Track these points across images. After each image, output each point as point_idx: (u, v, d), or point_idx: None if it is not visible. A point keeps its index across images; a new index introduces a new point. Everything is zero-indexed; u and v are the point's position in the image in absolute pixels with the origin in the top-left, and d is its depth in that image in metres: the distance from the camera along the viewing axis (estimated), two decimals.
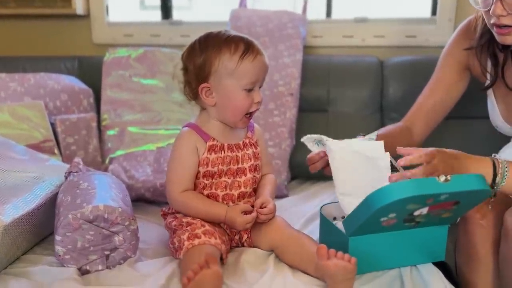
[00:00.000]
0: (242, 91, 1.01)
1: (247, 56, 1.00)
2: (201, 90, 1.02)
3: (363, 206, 0.87)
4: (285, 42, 1.65)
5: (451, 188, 0.83)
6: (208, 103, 1.04)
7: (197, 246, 0.96)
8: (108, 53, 1.64)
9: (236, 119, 1.04)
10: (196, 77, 1.02)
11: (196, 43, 1.04)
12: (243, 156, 1.08)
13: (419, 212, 0.89)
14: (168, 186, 1.06)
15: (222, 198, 1.07)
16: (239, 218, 1.00)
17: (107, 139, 1.52)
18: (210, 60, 1.00)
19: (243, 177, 1.08)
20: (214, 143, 1.05)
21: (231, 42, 1.00)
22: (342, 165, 1.03)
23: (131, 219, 0.99)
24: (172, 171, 1.06)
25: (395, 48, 1.77)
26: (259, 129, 1.16)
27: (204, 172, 1.05)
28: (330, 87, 1.65)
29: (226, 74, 1.00)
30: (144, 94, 1.56)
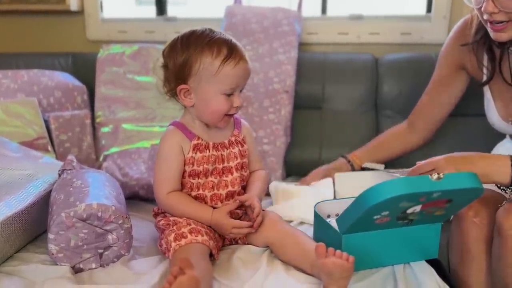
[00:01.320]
0: (221, 95, 1.00)
1: (229, 61, 0.98)
2: (180, 91, 1.01)
3: (356, 204, 0.87)
4: (280, 39, 1.65)
5: (443, 186, 0.83)
6: (186, 104, 1.03)
7: (184, 246, 0.95)
8: (102, 50, 1.63)
9: (214, 121, 1.04)
10: (175, 77, 1.01)
11: (178, 40, 1.01)
12: (228, 155, 1.07)
13: (412, 210, 0.89)
14: (155, 188, 1.05)
15: (210, 199, 1.06)
16: (225, 220, 0.99)
17: (101, 136, 1.52)
18: (191, 61, 0.98)
19: (230, 176, 1.07)
20: (199, 142, 1.04)
21: (214, 45, 0.98)
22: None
23: (124, 217, 0.98)
24: (158, 172, 1.05)
25: (390, 45, 1.77)
26: (247, 125, 1.15)
27: (190, 171, 1.04)
28: (325, 84, 1.65)
29: (206, 77, 0.98)
30: (138, 91, 1.56)
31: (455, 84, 1.29)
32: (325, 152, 1.62)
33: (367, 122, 1.64)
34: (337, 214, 1.12)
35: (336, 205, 1.12)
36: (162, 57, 1.04)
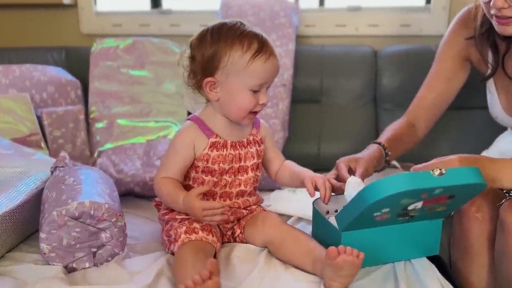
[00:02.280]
0: (248, 91, 0.97)
1: (260, 56, 0.94)
2: (206, 84, 0.98)
3: (356, 201, 0.85)
4: (277, 31, 1.62)
5: (445, 182, 0.80)
6: (211, 98, 1.00)
7: (193, 241, 0.94)
8: (95, 44, 1.59)
9: (238, 117, 1.00)
10: (203, 69, 0.97)
11: (208, 32, 0.98)
12: (246, 154, 1.04)
13: (413, 206, 0.87)
14: (157, 170, 1.04)
15: (219, 196, 1.04)
16: (196, 203, 0.91)
17: (96, 132, 1.49)
18: (220, 54, 0.95)
19: (245, 176, 1.05)
20: (217, 140, 1.01)
21: (245, 39, 0.95)
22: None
23: (118, 215, 0.96)
24: (165, 158, 1.04)
25: (389, 37, 1.74)
26: (266, 125, 1.12)
27: (204, 168, 1.02)
28: (323, 77, 1.63)
29: (235, 71, 0.95)
30: (133, 85, 1.53)
31: (458, 77, 1.26)
32: (324, 147, 1.60)
33: (366, 115, 1.62)
34: (336, 211, 1.10)
35: (335, 201, 1.10)
36: (189, 48, 1.01)
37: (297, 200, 1.29)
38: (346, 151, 1.57)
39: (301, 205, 1.24)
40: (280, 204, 1.26)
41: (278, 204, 1.25)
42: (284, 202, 1.28)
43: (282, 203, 1.26)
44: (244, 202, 1.07)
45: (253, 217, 1.06)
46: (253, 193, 1.09)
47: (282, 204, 1.26)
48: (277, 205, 1.24)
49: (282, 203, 1.26)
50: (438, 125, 1.37)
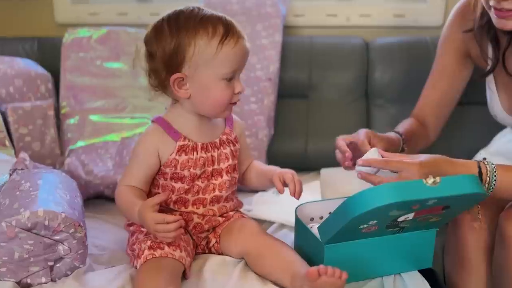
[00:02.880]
0: (221, 81, 0.88)
1: (228, 40, 0.86)
2: (173, 82, 0.88)
3: (340, 213, 0.76)
4: (263, 21, 1.52)
5: (439, 192, 0.72)
6: (181, 96, 0.90)
7: (158, 258, 0.84)
8: (67, 34, 1.49)
9: (217, 112, 0.92)
10: (166, 66, 0.88)
11: (164, 24, 0.88)
12: (219, 156, 0.96)
13: (403, 218, 0.78)
14: (120, 178, 0.96)
15: (192, 203, 0.95)
16: (148, 213, 0.81)
17: (67, 129, 1.39)
18: (184, 45, 0.86)
19: (219, 179, 0.96)
20: (186, 143, 0.92)
21: (208, 24, 0.86)
22: None
23: (77, 225, 0.86)
24: (129, 165, 0.96)
25: (382, 28, 1.65)
26: (240, 122, 1.04)
27: (172, 174, 0.93)
28: (312, 71, 1.53)
29: (203, 62, 0.86)
30: (107, 78, 1.43)
31: (461, 73, 1.17)
32: (312, 145, 1.51)
33: (357, 111, 1.53)
34: (321, 217, 1.01)
35: (320, 206, 1.02)
36: (144, 45, 0.91)
37: (281, 204, 1.20)
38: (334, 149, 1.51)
39: (285, 209, 1.15)
40: (262, 208, 1.16)
41: (260, 209, 1.16)
42: (267, 206, 1.18)
43: (264, 208, 1.17)
44: (220, 209, 0.98)
45: (230, 225, 0.98)
46: (231, 198, 1.00)
47: (264, 208, 1.16)
48: (259, 210, 1.15)
49: (264, 208, 1.17)
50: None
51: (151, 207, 0.82)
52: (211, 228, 0.98)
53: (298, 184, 0.94)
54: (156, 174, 0.95)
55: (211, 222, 0.97)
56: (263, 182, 1.03)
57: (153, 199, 0.84)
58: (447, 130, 1.38)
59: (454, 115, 1.37)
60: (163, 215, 0.81)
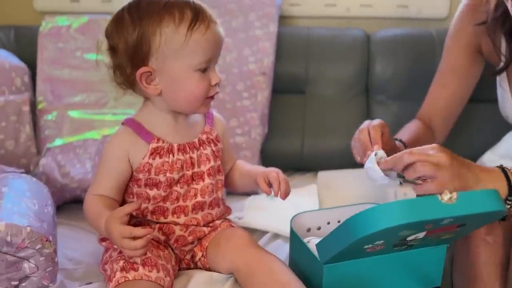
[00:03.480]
0: (195, 72, 0.79)
1: (198, 26, 0.77)
2: (140, 77, 0.79)
3: (343, 231, 0.66)
4: (257, 10, 1.41)
5: (456, 211, 0.62)
6: (151, 93, 0.81)
7: (131, 282, 0.75)
8: (44, 22, 1.38)
9: (193, 107, 0.82)
10: (131, 60, 0.79)
11: (124, 13, 0.79)
12: (199, 157, 0.86)
13: (413, 237, 0.69)
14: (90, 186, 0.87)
15: (172, 212, 0.86)
16: (115, 226, 0.71)
17: (44, 126, 1.28)
18: (148, 35, 0.76)
19: (201, 183, 0.87)
20: (160, 144, 0.83)
21: (174, 9, 0.77)
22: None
23: (44, 240, 0.77)
24: (97, 172, 0.87)
25: (384, 19, 1.55)
26: (221, 119, 0.95)
27: (146, 180, 0.84)
28: (309, 64, 1.43)
29: (172, 52, 0.77)
30: (88, 71, 1.32)
31: (472, 71, 1.09)
32: (308, 143, 1.42)
33: (356, 108, 1.44)
34: (319, 228, 0.93)
35: (318, 216, 0.93)
36: (105, 38, 0.81)
37: (275, 209, 1.11)
38: (333, 149, 1.42)
39: (280, 216, 1.06)
40: (254, 215, 1.07)
41: (252, 216, 1.07)
42: (259, 212, 1.09)
43: (257, 214, 1.08)
44: (205, 217, 0.89)
45: (217, 236, 0.88)
46: (216, 203, 0.90)
47: (256, 215, 1.07)
48: (250, 217, 1.06)
49: (257, 214, 1.08)
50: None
51: (119, 218, 0.72)
52: (196, 240, 0.89)
53: (284, 183, 0.86)
54: (129, 180, 0.85)
55: (195, 233, 0.87)
56: (247, 184, 0.96)
57: (122, 209, 0.74)
58: (455, 128, 1.30)
59: (464, 113, 1.29)
60: (130, 228, 0.71)
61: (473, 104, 1.33)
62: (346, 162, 1.29)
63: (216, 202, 0.90)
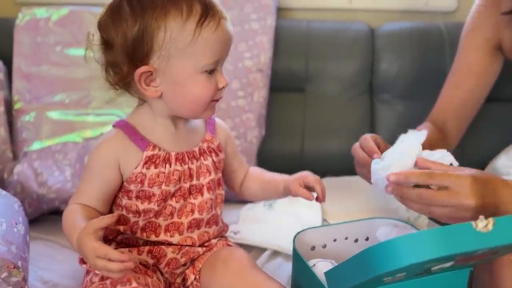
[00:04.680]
0: (201, 74, 0.70)
1: (207, 22, 0.68)
2: (139, 77, 0.69)
3: (361, 263, 0.57)
4: (253, 1, 1.31)
5: (493, 241, 0.53)
6: (150, 95, 0.71)
7: None
8: (21, 14, 1.26)
9: (197, 112, 0.73)
10: (129, 58, 0.69)
11: (123, 2, 0.69)
12: (198, 169, 0.77)
13: (439, 267, 0.59)
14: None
15: (164, 230, 0.76)
16: (88, 242, 0.62)
17: (22, 128, 1.17)
18: (151, 30, 0.67)
19: (199, 198, 0.78)
20: (155, 152, 0.74)
21: (181, 1, 0.68)
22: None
23: (11, 268, 0.67)
24: (80, 180, 0.77)
25: (389, 12, 1.47)
26: (223, 126, 0.86)
27: (138, 192, 0.74)
28: (309, 60, 1.34)
29: (177, 50, 0.68)
30: (69, 67, 1.21)
31: (490, 69, 1.02)
32: (308, 145, 1.33)
33: (360, 108, 1.35)
34: (324, 246, 0.84)
35: (323, 232, 0.84)
36: (98, 30, 0.72)
37: (274, 222, 1.02)
38: (335, 151, 1.34)
39: (279, 230, 0.97)
40: (251, 229, 0.98)
41: (249, 230, 0.97)
42: (257, 225, 1.00)
43: (254, 228, 0.98)
44: (201, 236, 0.79)
45: (212, 257, 0.79)
46: (214, 221, 0.81)
47: (253, 229, 0.98)
48: (247, 232, 0.97)
49: (254, 228, 0.98)
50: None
51: (93, 233, 0.62)
52: (188, 261, 0.79)
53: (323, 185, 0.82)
54: (118, 191, 0.76)
55: (188, 255, 0.78)
56: (269, 194, 0.88)
57: (96, 222, 0.63)
58: (475, 128, 1.23)
59: (484, 112, 1.21)
60: (105, 249, 0.61)
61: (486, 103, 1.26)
62: (348, 165, 1.19)
63: (214, 219, 0.81)
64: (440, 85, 1.12)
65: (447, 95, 1.04)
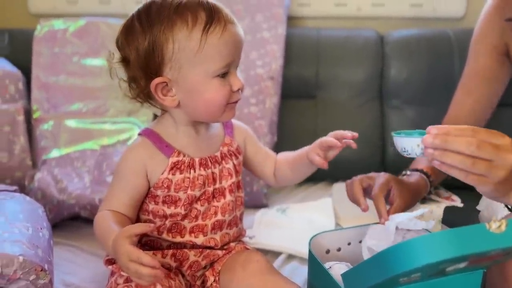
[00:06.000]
0: (214, 78, 0.72)
1: (213, 28, 0.70)
2: (155, 88, 0.72)
3: (377, 264, 0.59)
4: (264, 11, 1.34)
5: (507, 241, 0.55)
6: (168, 104, 0.74)
7: None
8: (39, 26, 1.30)
9: (216, 116, 0.75)
10: (144, 70, 0.72)
11: (134, 20, 0.73)
12: (221, 172, 0.80)
13: (453, 267, 0.61)
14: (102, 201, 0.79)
15: (189, 231, 0.79)
16: (123, 245, 0.63)
17: (40, 136, 1.20)
18: (160, 42, 0.70)
19: (222, 201, 0.80)
20: (180, 158, 0.76)
21: (186, 12, 0.70)
22: None
23: (39, 270, 0.69)
24: (110, 187, 0.79)
25: (398, 19, 1.49)
26: (241, 126, 0.88)
27: (165, 197, 0.77)
28: (320, 68, 1.36)
29: (187, 59, 0.71)
30: (86, 77, 1.24)
31: (500, 75, 1.02)
32: None
33: (370, 114, 1.36)
34: (339, 249, 0.85)
35: (337, 236, 0.85)
36: (117, 49, 0.75)
37: (288, 226, 1.04)
38: (346, 157, 1.34)
39: (294, 234, 0.99)
40: (266, 233, 1.00)
41: (264, 234, 0.99)
42: (272, 229, 1.02)
43: (269, 232, 1.00)
44: (223, 237, 0.82)
45: (231, 260, 0.81)
46: (235, 223, 0.84)
47: (268, 234, 1.00)
48: (263, 236, 0.99)
49: (269, 232, 1.00)
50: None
51: (128, 237, 0.64)
52: (208, 264, 0.81)
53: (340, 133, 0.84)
54: (145, 197, 0.78)
55: (209, 257, 0.80)
56: (300, 171, 0.90)
57: (132, 228, 0.65)
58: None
59: (495, 117, 1.21)
60: (138, 253, 0.62)
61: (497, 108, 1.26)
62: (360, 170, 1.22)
63: (235, 221, 0.84)
64: (449, 90, 1.13)
65: (459, 102, 1.05)
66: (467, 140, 0.62)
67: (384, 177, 0.91)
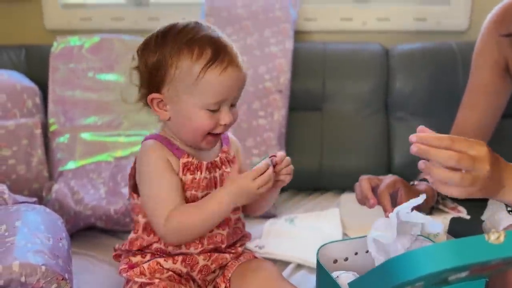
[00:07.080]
0: (203, 110, 0.76)
1: (214, 66, 0.74)
2: (151, 101, 0.78)
3: (381, 273, 0.62)
4: (272, 26, 1.38)
5: (505, 251, 0.57)
6: (160, 116, 0.80)
7: None
8: (56, 43, 1.35)
9: (195, 140, 0.80)
10: (147, 82, 0.79)
11: (153, 36, 0.79)
12: (221, 177, 0.84)
13: (455, 277, 0.64)
14: (152, 222, 0.80)
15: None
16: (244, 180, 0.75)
17: (57, 149, 1.25)
18: (165, 63, 0.76)
19: None
20: (190, 160, 0.81)
21: (195, 45, 0.75)
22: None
23: (60, 279, 0.73)
24: (147, 200, 0.80)
25: (402, 33, 1.52)
26: (235, 140, 0.92)
27: None
28: (326, 81, 1.39)
29: (184, 86, 0.75)
30: (100, 92, 1.29)
31: (502, 89, 1.04)
32: (327, 162, 1.37)
33: (376, 125, 1.39)
34: (346, 259, 0.87)
35: (344, 246, 0.87)
36: (136, 56, 0.82)
37: (297, 236, 1.06)
38: (353, 167, 1.37)
39: (302, 244, 1.01)
40: (275, 243, 1.03)
41: (273, 244, 1.02)
42: (280, 239, 1.05)
43: (278, 242, 1.03)
44: (229, 236, 0.85)
45: (242, 267, 0.84)
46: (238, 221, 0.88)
47: (277, 243, 1.03)
48: (272, 246, 1.02)
49: (278, 242, 1.03)
50: None
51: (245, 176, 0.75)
52: (218, 269, 0.84)
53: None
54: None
55: (218, 261, 0.84)
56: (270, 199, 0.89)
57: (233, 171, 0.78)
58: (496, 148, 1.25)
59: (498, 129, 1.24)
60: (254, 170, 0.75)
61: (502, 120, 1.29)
62: None
63: (237, 221, 0.88)
64: (453, 101, 1.15)
65: (463, 117, 1.07)
66: (448, 154, 0.66)
67: (391, 178, 0.93)
